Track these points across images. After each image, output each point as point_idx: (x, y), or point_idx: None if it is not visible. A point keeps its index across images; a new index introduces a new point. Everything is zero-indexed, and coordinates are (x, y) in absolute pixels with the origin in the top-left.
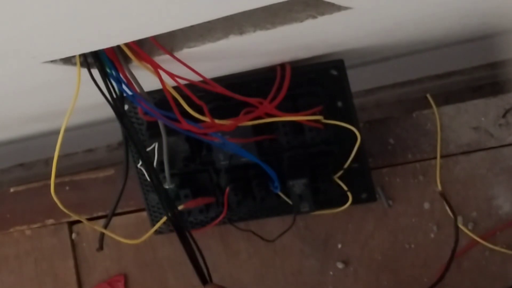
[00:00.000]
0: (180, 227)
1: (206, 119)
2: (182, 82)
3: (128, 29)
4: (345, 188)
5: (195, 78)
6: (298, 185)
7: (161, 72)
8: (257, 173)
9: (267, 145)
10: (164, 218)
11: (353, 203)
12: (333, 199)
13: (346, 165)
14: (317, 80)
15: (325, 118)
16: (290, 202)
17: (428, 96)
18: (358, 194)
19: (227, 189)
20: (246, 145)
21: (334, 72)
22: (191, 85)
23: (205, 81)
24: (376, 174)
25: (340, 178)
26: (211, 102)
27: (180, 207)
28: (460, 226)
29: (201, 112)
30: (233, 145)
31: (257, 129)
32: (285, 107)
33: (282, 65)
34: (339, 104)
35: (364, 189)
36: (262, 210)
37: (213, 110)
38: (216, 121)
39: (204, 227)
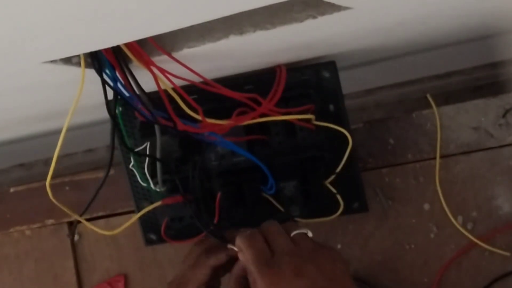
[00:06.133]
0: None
1: (200, 118)
2: (182, 82)
3: (128, 29)
4: (334, 191)
5: (195, 78)
6: (289, 187)
7: (159, 72)
8: (249, 177)
9: (258, 148)
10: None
11: (345, 213)
12: (324, 206)
13: (338, 170)
14: (309, 82)
15: (317, 120)
16: (281, 208)
17: (428, 96)
18: (349, 203)
19: (219, 194)
20: (238, 147)
21: (326, 74)
22: (189, 85)
23: (204, 81)
24: (376, 174)
25: (331, 185)
26: (205, 103)
27: (158, 203)
28: (460, 226)
29: (196, 112)
30: (228, 142)
31: (249, 130)
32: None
33: (279, 67)
34: (331, 107)
35: (356, 198)
36: (254, 217)
37: (207, 112)
38: (211, 121)
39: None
